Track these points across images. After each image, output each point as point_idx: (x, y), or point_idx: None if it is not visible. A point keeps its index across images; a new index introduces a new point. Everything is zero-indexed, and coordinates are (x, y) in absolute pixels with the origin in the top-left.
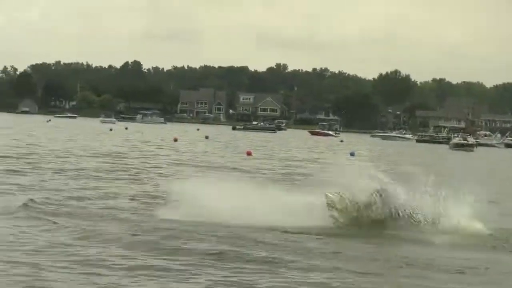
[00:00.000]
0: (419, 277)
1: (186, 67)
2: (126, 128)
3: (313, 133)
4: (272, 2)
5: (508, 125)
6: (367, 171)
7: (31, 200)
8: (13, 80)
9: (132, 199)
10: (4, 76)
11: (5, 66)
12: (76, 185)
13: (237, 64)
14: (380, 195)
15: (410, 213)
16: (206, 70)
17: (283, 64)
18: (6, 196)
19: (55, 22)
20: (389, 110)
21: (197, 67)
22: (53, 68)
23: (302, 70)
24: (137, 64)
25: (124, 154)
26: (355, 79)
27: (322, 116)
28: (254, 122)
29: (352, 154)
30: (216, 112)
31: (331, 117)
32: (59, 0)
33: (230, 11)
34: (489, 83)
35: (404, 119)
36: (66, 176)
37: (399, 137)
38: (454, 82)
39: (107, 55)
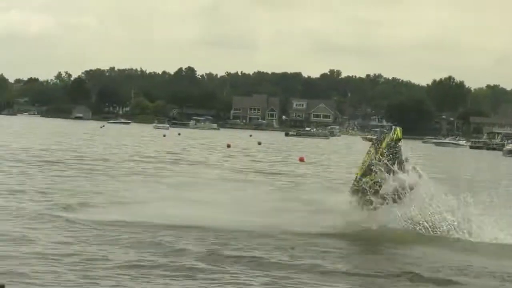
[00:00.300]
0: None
1: (239, 73)
2: (179, 134)
3: (365, 139)
4: (326, 9)
5: None
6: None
7: None
8: (67, 86)
9: None
10: (58, 82)
11: (59, 72)
12: None
13: (290, 70)
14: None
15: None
16: (260, 76)
17: (337, 70)
18: None
19: (109, 28)
20: (443, 117)
21: (251, 73)
22: (107, 74)
23: (355, 76)
24: (191, 70)
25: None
26: (408, 85)
27: (375, 122)
28: (307, 128)
29: (405, 160)
30: (269, 118)
31: (384, 123)
32: (114, 6)
33: (284, 17)
34: None
35: (458, 126)
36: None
37: (452, 143)
38: (508, 88)
39: (161, 61)
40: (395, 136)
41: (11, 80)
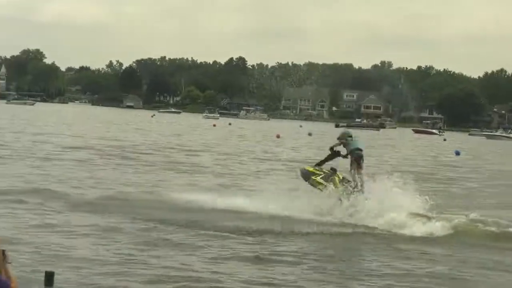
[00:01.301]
0: None
1: (290, 64)
2: (230, 124)
3: (416, 132)
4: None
5: None
6: None
7: None
8: (118, 75)
9: None
10: (109, 70)
11: (110, 61)
12: None
13: (341, 61)
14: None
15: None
16: (311, 67)
17: (388, 62)
18: None
19: (161, 17)
20: (494, 109)
21: (302, 64)
22: (158, 63)
23: (407, 67)
24: (242, 60)
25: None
26: (460, 78)
27: (426, 114)
28: (358, 120)
29: (457, 153)
30: (319, 109)
31: (435, 115)
32: None
33: (335, 8)
34: None
35: (509, 118)
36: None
37: (504, 136)
38: None
39: (212, 51)
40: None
41: (63, 69)
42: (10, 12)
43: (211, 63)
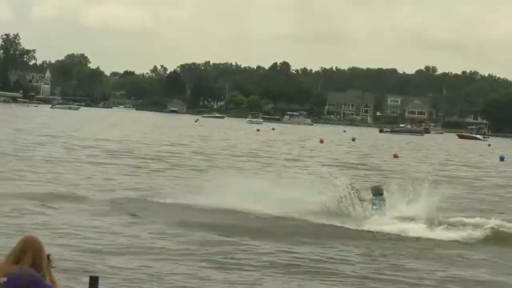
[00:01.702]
0: None
1: (334, 69)
2: (273, 129)
3: (461, 137)
4: (421, 4)
5: None
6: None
7: None
8: (162, 80)
9: None
10: (154, 75)
11: (155, 66)
12: None
13: (385, 66)
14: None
15: None
16: (354, 72)
17: (432, 67)
18: None
19: (204, 22)
20: None
21: (346, 68)
22: (202, 68)
23: (451, 72)
24: (285, 65)
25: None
26: (505, 83)
27: (470, 120)
28: (402, 125)
29: (501, 159)
30: (363, 114)
31: (480, 120)
32: (209, 0)
33: (379, 12)
34: None
35: None
36: None
37: None
38: None
39: (256, 56)
40: None
41: (107, 73)
42: (55, 16)
43: (255, 68)
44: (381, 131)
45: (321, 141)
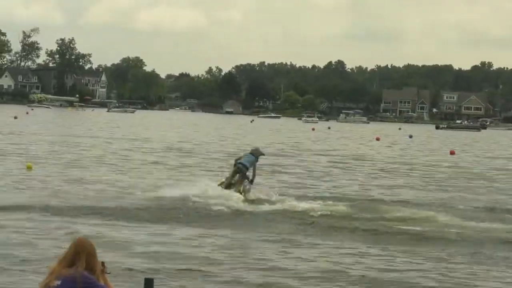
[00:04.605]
0: None
1: (389, 66)
2: (329, 128)
3: None
4: None
5: None
6: None
7: None
8: (217, 81)
9: None
10: (209, 77)
11: (210, 67)
12: None
13: (441, 62)
14: None
15: None
16: (410, 69)
17: (488, 62)
18: None
19: (259, 22)
20: None
21: (401, 66)
22: (257, 68)
23: (507, 68)
24: (340, 63)
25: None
26: None
27: None
28: (458, 121)
29: None
30: (419, 111)
31: None
32: (263, 1)
33: (434, 9)
34: None
35: None
36: None
37: None
38: None
39: (311, 55)
40: None
41: (163, 76)
42: (110, 20)
43: (310, 67)
44: (437, 127)
45: (377, 139)
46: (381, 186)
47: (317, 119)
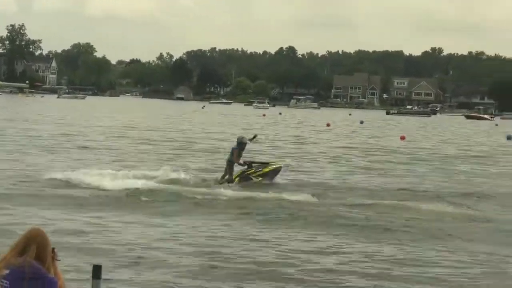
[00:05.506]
0: None
1: (340, 52)
2: (280, 113)
3: (468, 117)
4: None
5: None
6: None
7: None
8: (169, 67)
9: None
10: (160, 63)
11: (161, 53)
12: None
13: (392, 48)
14: None
15: None
16: (361, 55)
17: (438, 48)
18: None
19: (209, 8)
20: None
21: (352, 52)
22: (208, 54)
23: (457, 53)
24: (291, 49)
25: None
26: (511, 62)
27: (477, 100)
28: (409, 107)
29: (509, 138)
30: (370, 96)
31: (487, 100)
32: None
33: None
34: None
35: None
36: None
37: None
38: None
39: (262, 41)
40: None
41: (114, 62)
42: (61, 6)
43: (261, 53)
44: (388, 113)
45: (328, 125)
46: (329, 170)
47: (268, 105)
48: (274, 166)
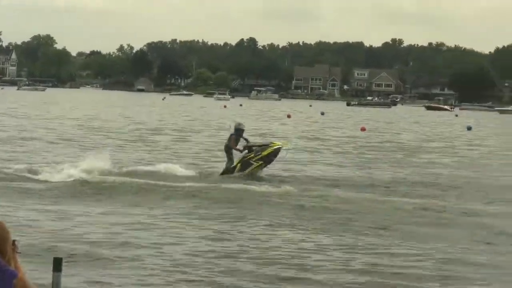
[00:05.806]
0: None
1: (301, 44)
2: (241, 105)
3: (428, 108)
4: None
5: None
6: None
7: None
8: (129, 59)
9: None
10: (120, 54)
11: (121, 45)
12: None
13: (352, 39)
14: None
15: None
16: (321, 46)
17: (399, 39)
18: None
19: (171, 0)
20: (506, 84)
21: (312, 43)
22: (169, 46)
23: (417, 44)
24: (252, 41)
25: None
26: (471, 54)
27: (437, 91)
28: (369, 98)
29: (469, 128)
30: (331, 88)
31: (447, 91)
32: None
33: None
34: None
35: None
36: None
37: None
38: None
39: (222, 32)
40: None
41: (74, 54)
42: None
43: (221, 44)
44: (348, 104)
45: (289, 116)
46: (293, 162)
47: (229, 96)
48: (273, 148)
